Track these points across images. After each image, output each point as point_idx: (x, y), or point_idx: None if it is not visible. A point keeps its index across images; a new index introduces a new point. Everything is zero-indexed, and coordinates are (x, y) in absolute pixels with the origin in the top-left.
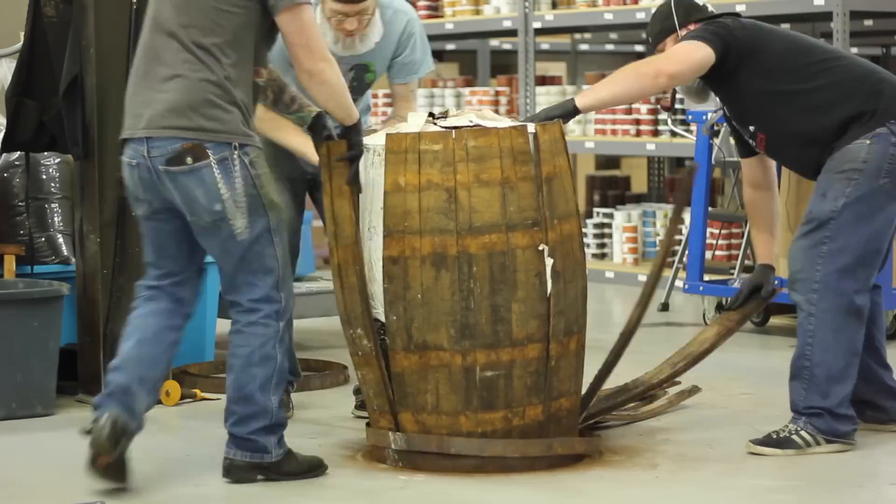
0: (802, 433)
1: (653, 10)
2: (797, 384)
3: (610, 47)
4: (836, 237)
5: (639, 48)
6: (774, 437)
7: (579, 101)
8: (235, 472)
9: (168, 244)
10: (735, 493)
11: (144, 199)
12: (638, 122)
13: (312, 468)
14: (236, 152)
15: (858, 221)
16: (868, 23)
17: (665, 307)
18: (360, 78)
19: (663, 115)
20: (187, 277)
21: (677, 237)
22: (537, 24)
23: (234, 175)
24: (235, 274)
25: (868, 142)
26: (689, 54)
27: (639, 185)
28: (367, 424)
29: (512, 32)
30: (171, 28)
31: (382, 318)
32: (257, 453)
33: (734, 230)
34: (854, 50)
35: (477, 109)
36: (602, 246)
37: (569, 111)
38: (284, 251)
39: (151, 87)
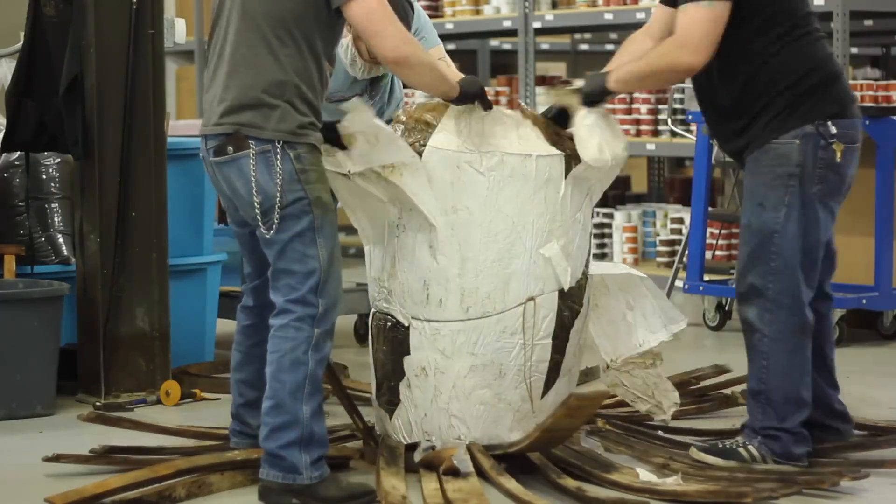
0: (751, 449)
1: (652, 10)
2: (754, 405)
3: (610, 47)
4: (782, 252)
5: None
6: (720, 446)
7: (613, 84)
8: (269, 496)
9: (245, 242)
10: None
11: (219, 195)
12: (638, 121)
13: (355, 496)
14: (279, 146)
15: (800, 233)
16: (868, 23)
17: None
18: (375, 86)
19: (663, 115)
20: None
21: (678, 237)
22: (537, 24)
23: (275, 168)
24: (277, 272)
25: (798, 142)
26: (709, 26)
27: (639, 184)
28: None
29: (512, 32)
30: (246, 14)
31: (397, 316)
32: (289, 473)
33: (734, 230)
34: (854, 50)
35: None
36: (602, 246)
37: (601, 91)
38: (331, 255)
39: (215, 84)
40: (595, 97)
